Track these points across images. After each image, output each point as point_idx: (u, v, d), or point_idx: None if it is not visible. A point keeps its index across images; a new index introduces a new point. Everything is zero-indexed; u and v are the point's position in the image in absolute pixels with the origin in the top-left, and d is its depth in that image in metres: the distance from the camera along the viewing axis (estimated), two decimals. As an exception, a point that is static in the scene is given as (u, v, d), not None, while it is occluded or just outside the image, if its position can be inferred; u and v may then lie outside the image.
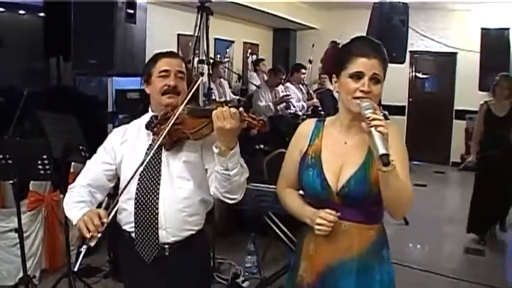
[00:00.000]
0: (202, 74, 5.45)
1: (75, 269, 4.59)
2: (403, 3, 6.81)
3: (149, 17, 7.60)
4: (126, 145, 2.58)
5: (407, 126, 11.07)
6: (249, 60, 10.82)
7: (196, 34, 5.33)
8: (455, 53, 10.92)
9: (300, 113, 8.19)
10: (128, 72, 4.99)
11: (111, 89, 5.83)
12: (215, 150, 2.23)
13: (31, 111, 4.59)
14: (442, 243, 6.70)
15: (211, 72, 8.02)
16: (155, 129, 2.45)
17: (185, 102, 2.38)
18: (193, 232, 2.52)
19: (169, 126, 2.35)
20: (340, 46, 2.37)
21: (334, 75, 2.25)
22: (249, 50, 11.03)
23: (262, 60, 10.14)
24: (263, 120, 2.18)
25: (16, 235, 3.97)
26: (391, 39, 6.53)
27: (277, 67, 8.75)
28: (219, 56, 9.68)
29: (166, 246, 2.48)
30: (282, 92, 8.32)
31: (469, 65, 9.98)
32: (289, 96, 8.20)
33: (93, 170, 2.60)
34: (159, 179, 2.46)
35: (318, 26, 11.47)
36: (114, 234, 4.75)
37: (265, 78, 8.89)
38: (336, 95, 2.32)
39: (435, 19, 10.88)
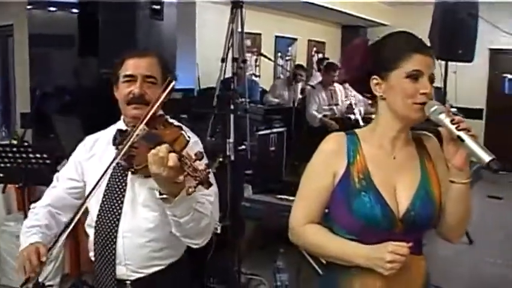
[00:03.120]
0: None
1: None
2: (472, -7, 6.10)
3: (199, 15, 7.51)
4: (93, 161, 2.20)
5: (485, 131, 10.30)
6: (314, 59, 10.37)
7: (229, 30, 4.94)
8: (541, 51, 10.04)
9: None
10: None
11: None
12: (156, 194, 1.84)
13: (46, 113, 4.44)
14: None
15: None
16: (120, 146, 2.02)
17: (146, 118, 1.96)
18: (163, 267, 2.13)
19: (125, 148, 1.94)
20: (372, 43, 1.92)
21: (375, 78, 1.84)
22: (314, 49, 10.58)
23: (327, 59, 9.61)
24: (205, 174, 1.70)
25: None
26: (456, 34, 5.87)
27: (331, 63, 8.29)
28: (279, 54, 9.31)
29: (127, 282, 2.11)
30: (340, 91, 7.81)
31: (556, 64, 9.08)
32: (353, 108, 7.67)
33: (58, 188, 2.25)
34: (121, 207, 2.08)
35: (389, 23, 10.88)
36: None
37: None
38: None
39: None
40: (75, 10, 6.02)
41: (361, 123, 7.25)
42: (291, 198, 4.01)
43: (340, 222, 1.85)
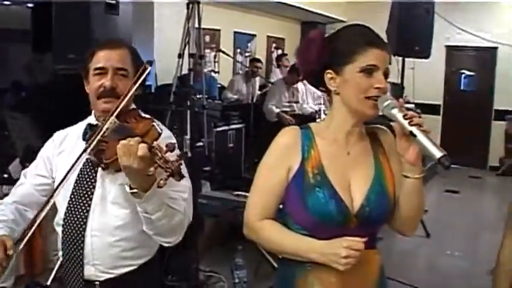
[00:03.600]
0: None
1: (48, 283, 4.41)
2: (428, -10, 6.18)
3: (157, 11, 7.40)
4: (63, 156, 2.11)
5: (442, 127, 10.45)
6: (274, 55, 10.36)
7: (186, 26, 4.90)
8: (496, 48, 10.21)
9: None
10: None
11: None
12: (126, 188, 1.78)
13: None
14: (470, 260, 5.77)
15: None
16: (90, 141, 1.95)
17: (117, 111, 1.89)
18: (135, 267, 2.04)
19: (94, 142, 1.88)
20: (327, 36, 1.88)
21: (329, 72, 1.81)
22: (274, 45, 10.58)
23: (285, 55, 9.64)
24: (177, 165, 1.66)
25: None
26: (413, 31, 5.96)
27: (282, 54, 8.34)
28: (239, 50, 9.28)
29: (96, 283, 2.03)
30: (302, 90, 7.85)
31: (510, 61, 9.26)
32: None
33: (25, 184, 2.17)
34: (89, 205, 2.00)
35: (348, 19, 10.78)
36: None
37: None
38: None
39: (474, 11, 10.17)
40: (30, 4, 5.90)
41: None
42: (248, 194, 4.02)
43: (295, 217, 1.82)
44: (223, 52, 7.63)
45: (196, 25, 5.08)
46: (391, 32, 6.03)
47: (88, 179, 2.03)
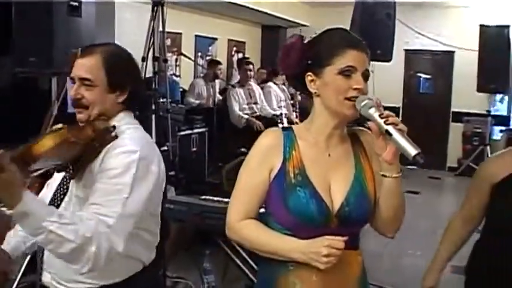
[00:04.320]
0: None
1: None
2: (389, -5, 6.25)
3: (118, 14, 7.30)
4: None
5: (402, 129, 10.57)
6: (234, 58, 10.36)
7: (150, 29, 4.86)
8: (453, 52, 10.48)
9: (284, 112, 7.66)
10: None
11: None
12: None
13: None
14: (431, 259, 5.94)
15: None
16: None
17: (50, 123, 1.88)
18: (94, 286, 1.94)
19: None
20: (308, 40, 1.91)
21: (310, 74, 1.85)
22: (235, 48, 10.59)
23: (246, 58, 9.60)
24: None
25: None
26: (375, 35, 5.98)
27: (243, 58, 8.31)
28: (200, 54, 9.23)
29: None
30: (258, 90, 7.90)
31: (466, 65, 9.57)
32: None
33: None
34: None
35: (309, 23, 10.93)
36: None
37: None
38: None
39: (431, 16, 10.41)
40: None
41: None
42: (215, 198, 4.01)
43: (276, 217, 1.84)
44: (185, 55, 7.60)
45: (161, 28, 5.05)
46: (353, 35, 6.10)
47: (63, 186, 2.01)
